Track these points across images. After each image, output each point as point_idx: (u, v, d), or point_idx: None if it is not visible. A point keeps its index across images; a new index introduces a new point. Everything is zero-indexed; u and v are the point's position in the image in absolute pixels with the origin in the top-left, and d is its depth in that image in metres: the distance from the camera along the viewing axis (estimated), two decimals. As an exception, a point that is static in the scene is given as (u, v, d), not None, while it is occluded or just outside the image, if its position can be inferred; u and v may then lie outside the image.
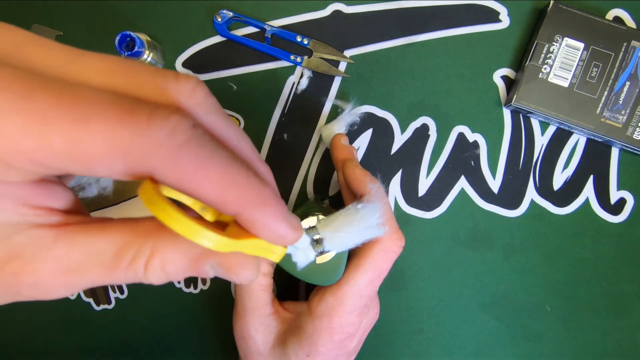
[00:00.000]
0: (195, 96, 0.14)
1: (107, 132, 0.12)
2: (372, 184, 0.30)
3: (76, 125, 0.12)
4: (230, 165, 0.14)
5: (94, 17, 0.39)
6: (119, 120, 0.12)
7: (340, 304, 0.29)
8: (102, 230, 0.15)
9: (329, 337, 0.29)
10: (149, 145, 0.12)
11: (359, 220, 0.24)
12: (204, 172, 0.13)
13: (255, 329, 0.32)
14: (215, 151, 0.13)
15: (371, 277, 0.29)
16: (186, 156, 0.13)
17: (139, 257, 0.15)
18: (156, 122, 0.12)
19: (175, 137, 0.12)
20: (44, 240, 0.14)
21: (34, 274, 0.14)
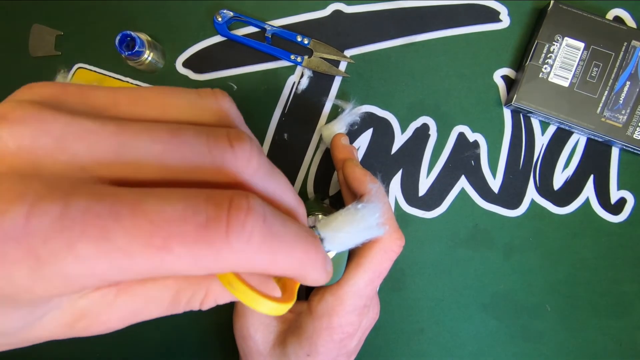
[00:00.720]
0: (252, 164, 0.14)
1: (188, 256, 0.12)
2: (372, 184, 0.30)
3: (158, 254, 0.11)
4: (294, 245, 0.14)
5: (94, 17, 0.39)
6: (198, 241, 0.12)
7: (340, 304, 0.29)
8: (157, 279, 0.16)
9: (329, 337, 0.29)
10: (229, 256, 0.12)
11: (359, 220, 0.24)
12: (275, 261, 0.14)
13: (255, 329, 0.32)
14: (283, 237, 0.14)
15: (371, 277, 0.29)
16: (261, 254, 0.13)
17: (195, 299, 0.16)
18: (234, 234, 0.12)
19: (252, 243, 0.12)
20: (106, 299, 0.15)
21: (104, 324, 0.15)
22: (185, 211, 0.12)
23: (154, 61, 0.38)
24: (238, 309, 0.33)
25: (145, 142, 0.13)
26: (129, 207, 0.11)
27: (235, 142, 0.14)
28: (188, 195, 0.12)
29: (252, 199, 0.13)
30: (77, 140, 0.12)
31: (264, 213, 0.13)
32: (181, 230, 0.11)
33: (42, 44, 0.39)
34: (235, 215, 0.12)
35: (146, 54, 0.37)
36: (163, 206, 0.12)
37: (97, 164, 0.12)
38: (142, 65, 0.37)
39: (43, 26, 0.39)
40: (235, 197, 0.13)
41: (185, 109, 0.14)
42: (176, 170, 0.13)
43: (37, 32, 0.39)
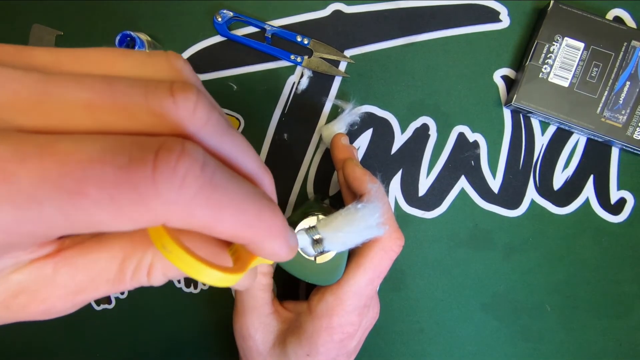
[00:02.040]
0: (198, 117, 0.12)
1: (109, 201, 0.10)
2: (372, 184, 0.30)
3: (72, 200, 0.10)
4: (243, 202, 0.13)
5: (94, 17, 0.39)
6: (120, 183, 0.10)
7: (340, 304, 0.29)
8: (100, 247, 0.14)
9: (329, 337, 0.29)
10: (159, 206, 0.11)
11: (358, 220, 0.24)
12: (218, 219, 0.12)
13: (255, 329, 0.32)
14: (228, 190, 0.12)
15: (371, 277, 0.29)
16: (199, 207, 0.12)
17: (141, 267, 0.15)
18: (163, 178, 0.11)
19: (186, 191, 0.11)
20: (43, 272, 0.14)
21: (44, 303, 0.14)
22: (105, 152, 0.11)
23: (154, 61, 0.38)
24: (238, 309, 0.33)
25: (73, 89, 0.11)
26: (36, 148, 0.10)
27: (177, 92, 0.12)
28: (110, 138, 0.11)
29: (189, 144, 0.11)
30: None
31: (204, 161, 0.12)
32: (98, 171, 0.10)
33: (42, 44, 0.39)
34: (165, 157, 0.11)
35: (146, 54, 0.36)
36: (78, 147, 0.10)
37: (17, 112, 0.11)
38: (142, 65, 0.37)
39: (43, 26, 0.39)
40: (168, 140, 0.11)
41: (132, 68, 0.13)
42: (108, 120, 0.12)
43: (37, 32, 0.39)
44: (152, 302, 0.41)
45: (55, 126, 0.11)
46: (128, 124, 0.12)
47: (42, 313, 0.14)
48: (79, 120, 0.11)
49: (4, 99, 0.11)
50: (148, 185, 0.11)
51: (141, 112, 0.12)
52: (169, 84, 0.12)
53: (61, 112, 0.11)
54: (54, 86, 0.11)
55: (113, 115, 0.12)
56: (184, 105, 0.12)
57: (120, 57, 0.13)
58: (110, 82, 0.12)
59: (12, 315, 0.14)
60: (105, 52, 0.13)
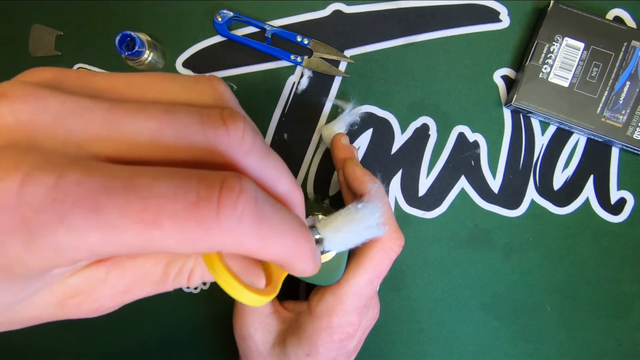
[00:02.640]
0: (246, 143, 0.14)
1: (178, 233, 0.12)
2: (372, 184, 0.30)
3: (149, 230, 0.11)
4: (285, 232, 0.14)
5: (94, 17, 0.39)
6: (188, 218, 0.12)
7: (339, 304, 0.29)
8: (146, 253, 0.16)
9: (329, 337, 0.29)
10: (219, 236, 0.12)
11: (359, 220, 0.24)
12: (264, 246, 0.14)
13: (255, 329, 0.32)
14: (274, 222, 0.14)
15: (371, 277, 0.29)
16: (250, 237, 0.13)
17: (184, 272, 0.16)
18: (225, 214, 0.12)
19: (243, 224, 0.12)
20: (97, 275, 0.15)
21: (96, 302, 0.15)
22: (177, 189, 0.12)
23: (154, 61, 0.38)
24: (238, 309, 0.33)
25: (139, 119, 0.13)
26: (121, 183, 0.11)
27: (228, 120, 0.14)
28: (181, 174, 0.12)
29: (245, 181, 0.13)
30: (73, 117, 0.12)
31: (256, 196, 0.13)
32: (172, 207, 0.12)
33: (42, 44, 0.39)
34: (227, 196, 0.12)
35: (146, 54, 0.37)
36: (155, 183, 0.12)
37: (91, 140, 0.12)
38: (142, 65, 0.37)
39: (43, 26, 0.39)
40: (228, 178, 0.13)
41: (181, 92, 0.15)
42: (170, 148, 0.13)
43: (37, 32, 0.39)
44: (152, 302, 0.41)
45: (124, 154, 0.13)
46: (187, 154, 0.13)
47: (92, 311, 0.16)
48: (145, 149, 0.13)
49: (81, 127, 0.12)
50: (212, 220, 0.12)
51: (198, 142, 0.13)
52: (219, 112, 0.14)
53: (130, 141, 0.13)
54: (123, 116, 0.13)
55: (175, 144, 0.13)
56: (235, 133, 0.14)
57: (169, 82, 0.15)
58: (171, 112, 0.13)
59: (65, 313, 0.15)
60: (156, 77, 0.15)
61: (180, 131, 0.13)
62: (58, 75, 0.14)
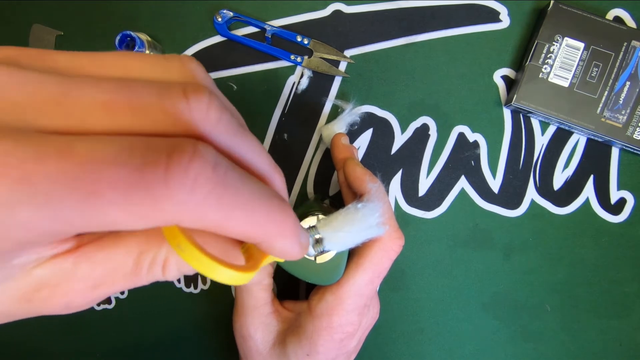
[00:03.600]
0: (211, 117, 0.13)
1: (123, 202, 0.11)
2: (372, 183, 0.30)
3: (88, 200, 0.11)
4: (255, 203, 0.13)
5: (94, 17, 0.39)
6: (133, 184, 0.11)
7: (339, 304, 0.29)
8: (116, 243, 0.15)
9: (329, 337, 0.29)
10: (171, 206, 0.11)
11: (359, 219, 0.24)
12: (229, 218, 0.13)
13: (255, 328, 0.32)
14: (239, 191, 0.13)
15: (371, 277, 0.29)
16: (211, 207, 0.12)
17: (156, 263, 0.15)
18: (175, 179, 0.11)
19: (198, 192, 0.11)
20: (64, 267, 0.14)
21: (65, 296, 0.14)
22: (120, 153, 0.11)
23: (154, 61, 0.38)
24: (238, 309, 0.33)
25: (90, 91, 0.12)
26: (55, 150, 0.11)
27: (190, 94, 0.12)
28: (127, 139, 0.11)
29: (202, 145, 0.12)
30: (17, 89, 0.12)
31: (215, 161, 0.12)
32: (113, 173, 0.11)
33: (42, 44, 0.39)
34: (176, 159, 0.11)
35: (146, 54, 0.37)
36: (95, 148, 0.11)
37: (37, 113, 0.11)
38: (142, 65, 0.37)
39: (43, 26, 0.39)
40: (180, 142, 0.12)
41: (147, 70, 0.14)
42: (123, 121, 0.12)
43: (37, 32, 0.39)
44: (152, 302, 0.41)
45: (74, 127, 0.12)
46: (143, 125, 0.12)
47: (62, 307, 0.15)
48: (96, 120, 0.12)
49: (24, 99, 0.11)
50: (160, 187, 0.11)
51: (155, 113, 0.12)
52: (182, 86, 0.13)
53: (79, 113, 0.12)
54: (73, 88, 0.12)
55: (128, 115, 0.12)
56: (196, 106, 0.12)
57: (135, 60, 0.14)
58: (126, 84, 0.12)
59: (33, 308, 0.14)
60: (122, 55, 0.14)
61: (134, 102, 0.12)
62: (16, 52, 0.13)
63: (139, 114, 0.12)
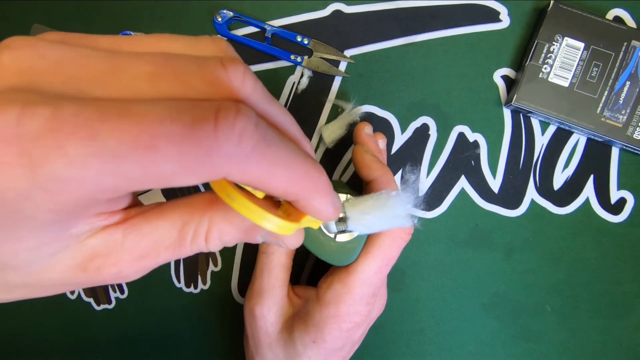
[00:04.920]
0: (247, 85, 0.14)
1: (177, 155, 0.12)
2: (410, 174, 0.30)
3: (147, 154, 0.12)
4: (293, 160, 0.14)
5: (94, 17, 0.39)
6: (186, 138, 0.12)
7: (347, 292, 0.29)
8: (161, 215, 0.16)
9: (336, 325, 0.29)
10: (220, 159, 0.12)
11: (389, 207, 0.24)
12: (272, 173, 0.14)
13: (268, 308, 0.32)
14: (279, 148, 0.14)
15: (380, 265, 0.29)
16: (255, 161, 0.13)
17: (199, 233, 0.16)
18: (223, 134, 0.12)
19: (244, 146, 0.12)
20: (114, 237, 0.15)
21: (115, 266, 0.16)
22: (171, 112, 0.12)
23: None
24: (255, 287, 0.33)
25: (135, 63, 0.13)
26: (116, 110, 0.12)
27: (227, 64, 0.14)
28: (176, 102, 0.12)
29: (243, 106, 0.13)
30: (71, 63, 0.13)
31: (257, 120, 0.13)
32: (168, 129, 0.12)
33: (42, 44, 0.39)
34: (223, 115, 0.12)
35: (146, 54, 0.37)
36: (150, 108, 0.12)
37: (91, 83, 0.13)
38: (142, 65, 0.37)
39: (43, 26, 0.39)
40: (225, 103, 0.13)
41: (184, 49, 0.15)
42: (168, 89, 0.13)
43: (37, 32, 0.39)
44: (152, 302, 0.41)
45: (125, 95, 0.13)
46: (186, 91, 0.13)
47: (113, 276, 0.16)
48: (144, 88, 0.13)
49: (79, 72, 0.13)
50: (210, 140, 0.12)
51: (197, 80, 0.13)
52: (219, 58, 0.14)
53: (128, 83, 0.13)
54: (120, 61, 0.13)
55: (173, 83, 0.13)
56: (234, 74, 0.14)
57: (172, 40, 0.15)
58: (168, 57, 0.13)
59: (88, 277, 0.16)
60: (157, 36, 0.15)
61: (178, 72, 0.13)
62: (62, 35, 0.14)
63: (182, 82, 0.13)
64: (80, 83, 0.13)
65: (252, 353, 0.33)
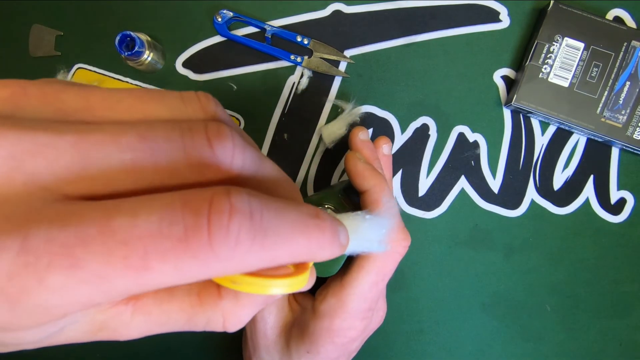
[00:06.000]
0: (236, 160, 0.13)
1: (172, 270, 0.11)
2: (386, 198, 0.29)
3: (139, 274, 0.11)
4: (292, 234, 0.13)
5: (94, 17, 0.39)
6: (179, 255, 0.11)
7: (341, 306, 0.28)
8: (172, 298, 0.15)
9: (330, 339, 0.29)
10: (218, 264, 0.11)
11: (363, 229, 0.23)
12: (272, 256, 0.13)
13: (269, 312, 0.32)
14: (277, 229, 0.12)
15: (374, 280, 0.28)
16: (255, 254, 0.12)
17: (214, 323, 0.16)
18: (219, 242, 0.11)
19: (241, 245, 0.11)
20: (122, 316, 0.15)
21: (124, 337, 0.15)
22: (161, 224, 0.11)
23: (154, 61, 0.38)
24: None
25: (111, 151, 0.11)
26: (96, 228, 0.10)
27: (214, 139, 0.13)
28: (162, 202, 0.11)
29: (235, 195, 0.12)
30: (32, 157, 0.11)
31: (250, 209, 0.12)
32: (158, 246, 0.11)
33: (42, 44, 0.39)
34: (216, 221, 0.11)
35: (146, 54, 0.37)
36: (135, 222, 0.11)
37: (60, 181, 0.11)
38: (142, 65, 0.37)
39: (43, 26, 0.39)
40: (215, 198, 0.11)
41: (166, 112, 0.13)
42: (151, 177, 0.12)
43: (37, 32, 0.39)
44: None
45: (100, 191, 0.12)
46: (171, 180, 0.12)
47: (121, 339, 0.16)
48: (122, 183, 0.12)
49: (44, 169, 0.11)
50: (206, 251, 0.11)
51: (183, 168, 0.12)
52: (203, 129, 0.13)
53: (103, 177, 0.11)
54: (93, 149, 0.11)
55: (156, 175, 0.12)
56: (222, 152, 0.13)
57: (153, 103, 0.13)
58: (146, 138, 0.12)
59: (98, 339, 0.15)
60: (137, 96, 0.13)
61: (160, 163, 0.12)
62: (15, 96, 0.12)
63: (166, 171, 0.12)
64: (46, 183, 0.11)
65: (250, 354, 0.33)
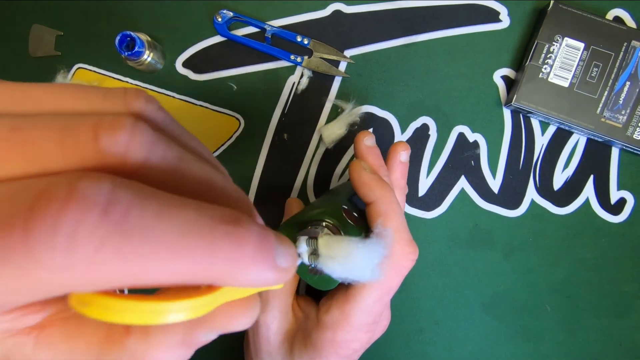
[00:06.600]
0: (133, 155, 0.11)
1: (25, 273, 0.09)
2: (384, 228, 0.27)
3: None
4: (181, 242, 0.10)
5: (94, 17, 0.39)
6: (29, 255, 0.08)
7: (345, 319, 0.28)
8: (81, 331, 0.13)
9: (333, 350, 0.28)
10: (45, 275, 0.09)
11: (356, 256, 0.21)
12: (143, 271, 0.10)
13: (273, 317, 0.31)
14: (151, 231, 0.09)
15: (380, 294, 0.27)
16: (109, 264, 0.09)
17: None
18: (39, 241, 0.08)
19: (80, 250, 0.09)
20: (24, 348, 0.12)
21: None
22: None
23: (154, 61, 0.38)
24: (261, 294, 0.32)
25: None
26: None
27: (102, 130, 0.10)
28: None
29: (86, 181, 0.09)
30: None
31: (108, 201, 0.09)
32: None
33: (42, 44, 0.39)
34: (40, 212, 0.08)
35: (146, 54, 0.37)
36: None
37: None
38: (142, 65, 0.37)
39: (43, 26, 0.39)
40: (52, 184, 0.09)
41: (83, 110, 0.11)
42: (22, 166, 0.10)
43: (37, 32, 0.39)
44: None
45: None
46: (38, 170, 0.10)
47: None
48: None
49: None
50: (21, 254, 0.08)
51: (57, 157, 0.10)
52: (94, 122, 0.10)
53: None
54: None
55: (26, 163, 0.10)
56: (109, 143, 0.10)
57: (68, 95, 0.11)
58: (21, 129, 0.10)
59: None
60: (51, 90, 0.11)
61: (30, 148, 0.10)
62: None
63: (34, 163, 0.10)
64: None
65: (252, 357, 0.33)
